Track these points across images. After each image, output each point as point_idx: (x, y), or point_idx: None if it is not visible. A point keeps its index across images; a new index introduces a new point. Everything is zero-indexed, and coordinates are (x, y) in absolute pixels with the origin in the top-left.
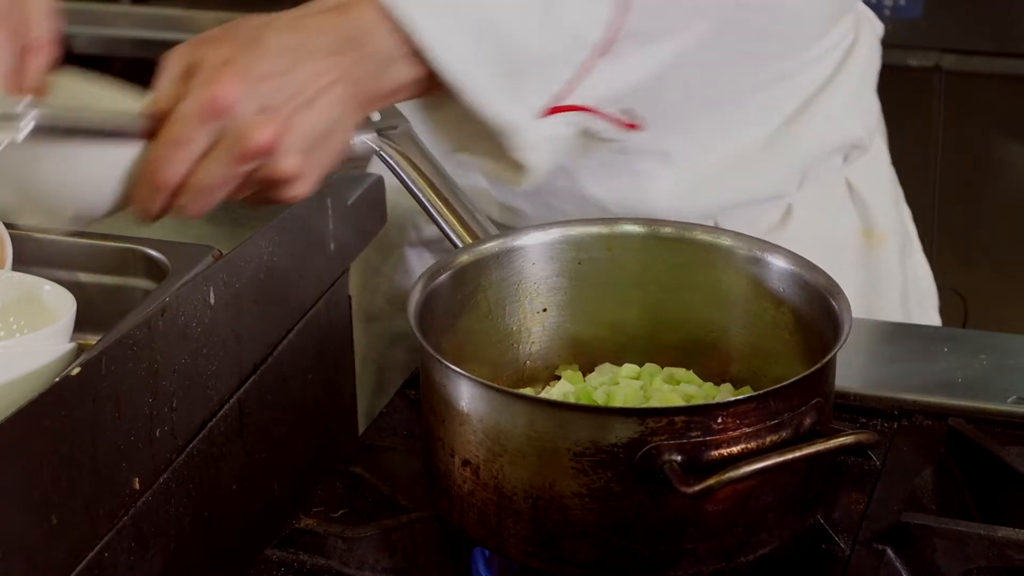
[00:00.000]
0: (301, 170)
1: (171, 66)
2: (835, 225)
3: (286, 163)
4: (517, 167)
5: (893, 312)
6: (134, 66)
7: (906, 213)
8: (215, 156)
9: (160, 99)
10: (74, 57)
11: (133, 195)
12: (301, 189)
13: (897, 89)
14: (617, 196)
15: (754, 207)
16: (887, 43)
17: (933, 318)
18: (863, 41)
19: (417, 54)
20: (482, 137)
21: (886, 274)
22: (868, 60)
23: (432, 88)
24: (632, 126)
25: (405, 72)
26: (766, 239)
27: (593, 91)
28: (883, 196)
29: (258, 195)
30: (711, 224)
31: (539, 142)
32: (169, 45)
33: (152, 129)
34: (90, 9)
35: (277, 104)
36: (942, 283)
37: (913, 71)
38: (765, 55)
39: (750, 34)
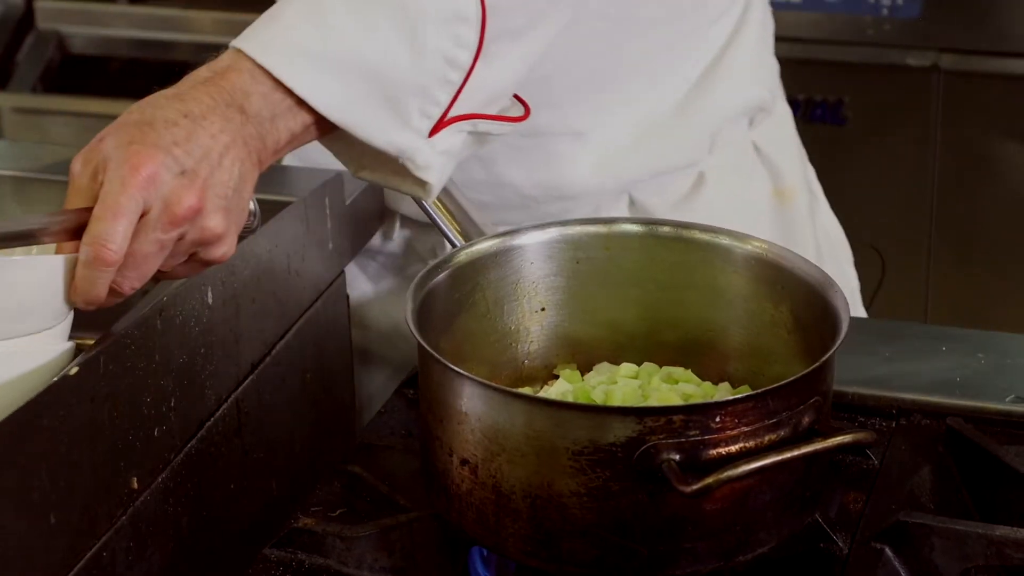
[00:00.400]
0: (226, 228)
1: (76, 174)
2: (747, 187)
3: (213, 222)
4: (418, 182)
5: None
6: (132, 66)
7: (810, 171)
8: (148, 225)
9: (75, 201)
10: (72, 57)
11: (77, 286)
12: (228, 247)
13: (895, 88)
14: (534, 179)
15: (667, 176)
16: (886, 43)
17: (848, 272)
18: (755, 4)
19: (299, 105)
20: (380, 159)
21: (799, 230)
22: (762, 22)
23: (327, 128)
24: (519, 118)
25: (293, 123)
26: (682, 206)
27: (476, 97)
28: (790, 155)
29: (190, 261)
30: (625, 197)
31: (434, 159)
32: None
33: (74, 228)
34: (87, 9)
35: (192, 167)
36: (939, 280)
37: (911, 71)
38: (656, 20)
39: (651, 7)
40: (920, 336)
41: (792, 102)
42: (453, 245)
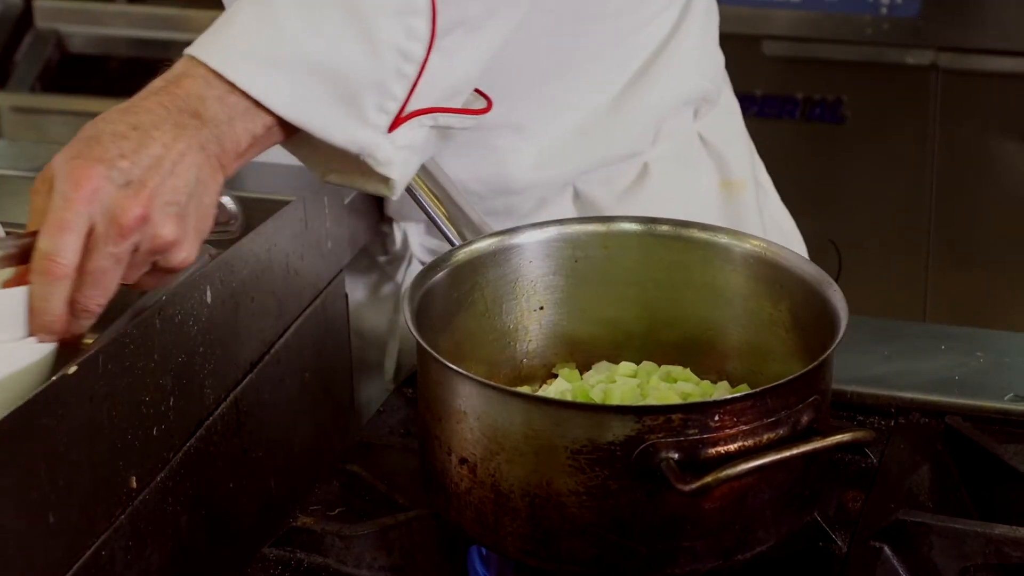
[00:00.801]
0: (180, 235)
1: (33, 194)
2: (692, 178)
3: (164, 230)
4: (383, 179)
5: None
6: (131, 65)
7: (758, 164)
8: (99, 239)
9: (35, 222)
10: (71, 57)
11: (32, 306)
12: (185, 254)
13: (894, 87)
14: (477, 174)
15: (611, 168)
16: (884, 42)
17: None
18: None
19: (257, 107)
20: (344, 160)
21: (747, 222)
22: (706, 13)
23: (286, 131)
24: (482, 111)
25: (252, 125)
26: (626, 197)
27: (434, 90)
28: (737, 147)
29: (153, 271)
30: (570, 189)
31: (395, 154)
32: (165, 44)
33: (30, 249)
34: (86, 8)
35: (139, 177)
36: (940, 280)
37: (910, 69)
38: (598, 15)
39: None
40: (919, 335)
41: (791, 101)
42: (452, 244)
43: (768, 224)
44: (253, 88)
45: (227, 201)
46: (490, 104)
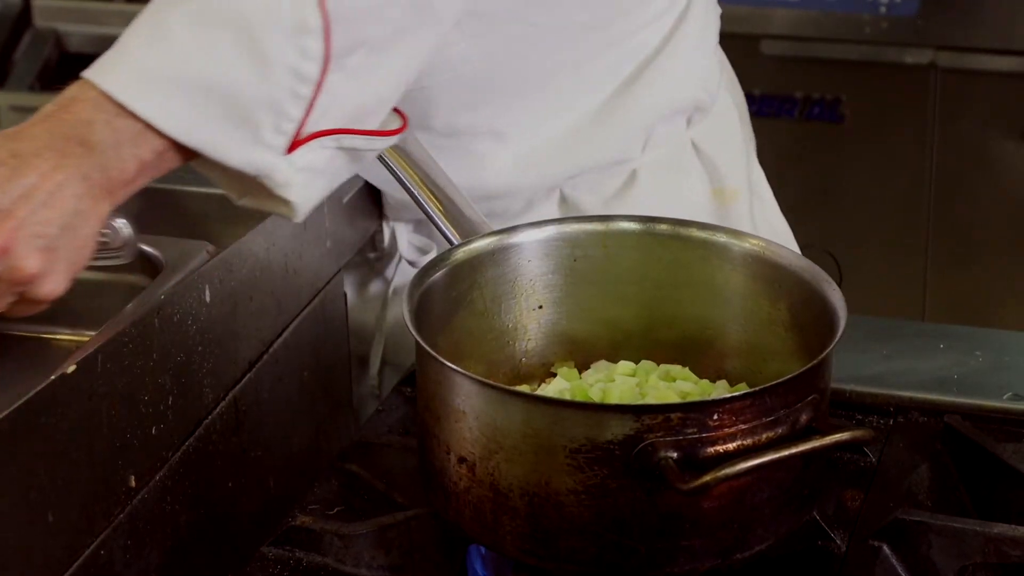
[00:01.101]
0: (44, 267)
1: None
2: (682, 186)
3: (26, 262)
4: (284, 202)
5: None
6: None
7: (756, 171)
8: None
9: None
10: (68, 56)
11: None
12: (52, 286)
13: (893, 86)
14: (455, 178)
15: (597, 173)
16: (882, 41)
17: None
18: (698, 2)
19: (147, 130)
20: (253, 182)
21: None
22: (704, 22)
23: (182, 154)
24: (393, 132)
25: (140, 150)
26: (613, 203)
27: (336, 111)
28: (732, 154)
29: (20, 301)
30: (556, 193)
31: (293, 176)
32: None
33: None
34: (85, 7)
35: (7, 207)
36: (939, 279)
37: (908, 68)
38: (585, 25)
39: (572, 5)
40: (918, 334)
41: (789, 100)
42: (451, 243)
43: (763, 233)
44: (144, 110)
45: (121, 225)
46: (405, 124)
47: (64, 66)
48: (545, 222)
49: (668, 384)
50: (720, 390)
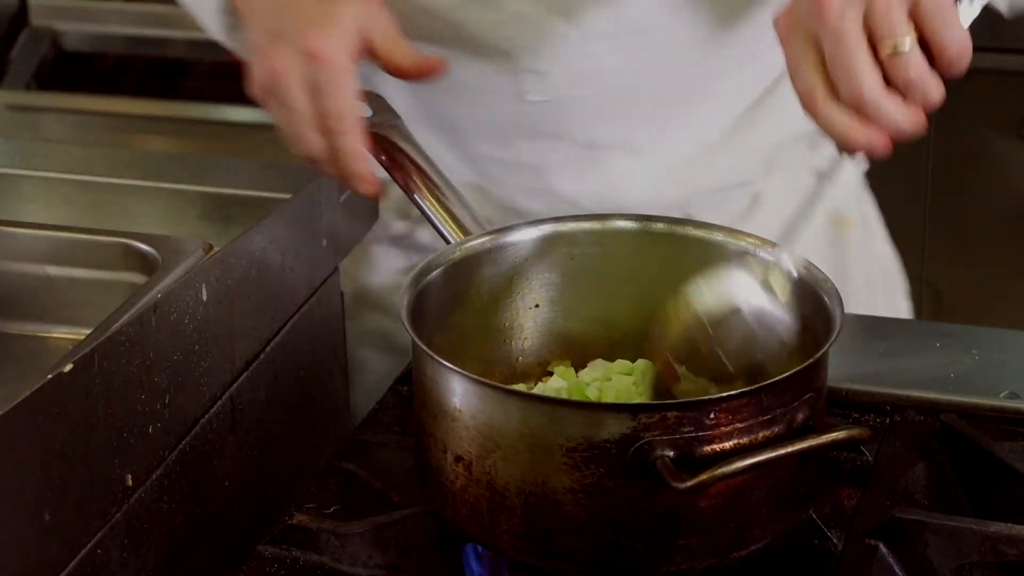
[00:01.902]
0: None
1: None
2: (803, 211)
3: None
4: None
5: (859, 298)
6: (126, 63)
7: (869, 200)
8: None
9: None
10: (65, 55)
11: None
12: None
13: None
14: (587, 191)
15: (722, 195)
16: None
17: (901, 305)
18: None
19: None
20: None
21: (854, 260)
22: None
23: None
24: None
25: None
26: (736, 225)
27: None
28: (849, 182)
29: None
30: (680, 214)
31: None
32: (161, 42)
33: None
34: (81, 6)
35: None
36: (935, 277)
37: None
38: (722, 42)
39: (717, 24)
40: (914, 332)
41: None
42: (447, 241)
43: (874, 264)
44: None
45: None
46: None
47: (61, 65)
48: (541, 221)
49: None
50: (716, 388)
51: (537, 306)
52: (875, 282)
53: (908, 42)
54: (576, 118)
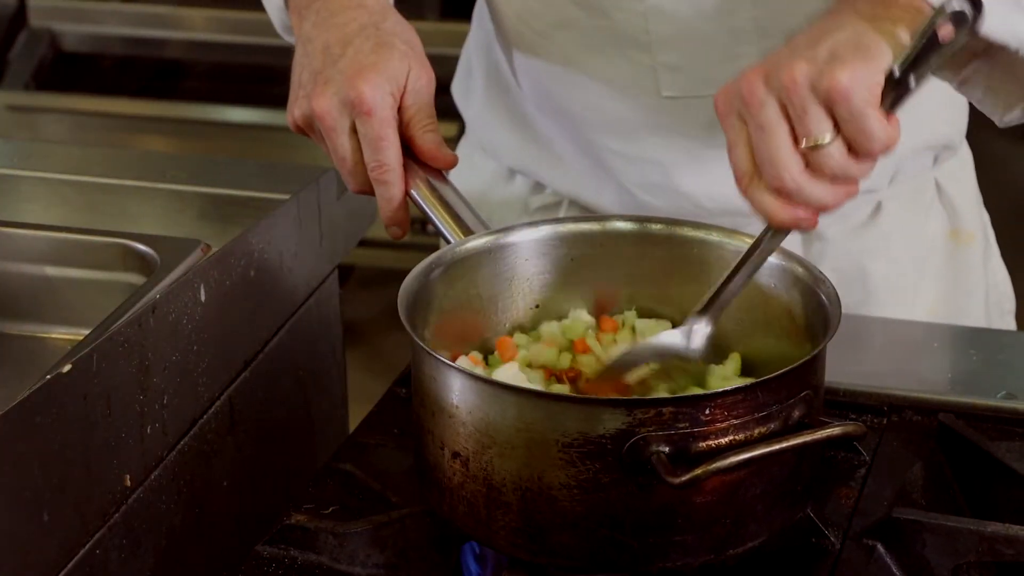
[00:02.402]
0: None
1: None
2: (924, 223)
3: None
4: None
5: (977, 315)
6: (124, 63)
7: (985, 216)
8: None
9: None
10: (64, 55)
11: None
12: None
13: None
14: (711, 192)
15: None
16: None
17: (1010, 323)
18: None
19: None
20: None
21: (972, 275)
22: None
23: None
24: None
25: None
26: (859, 234)
27: None
28: (969, 197)
29: None
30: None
31: None
32: (159, 43)
33: None
34: (80, 7)
35: None
36: None
37: None
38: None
39: None
40: (912, 332)
41: None
42: (448, 242)
43: (990, 281)
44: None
45: None
46: None
47: (59, 65)
48: (541, 222)
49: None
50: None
51: (537, 306)
52: (991, 300)
53: (827, 136)
54: (708, 117)
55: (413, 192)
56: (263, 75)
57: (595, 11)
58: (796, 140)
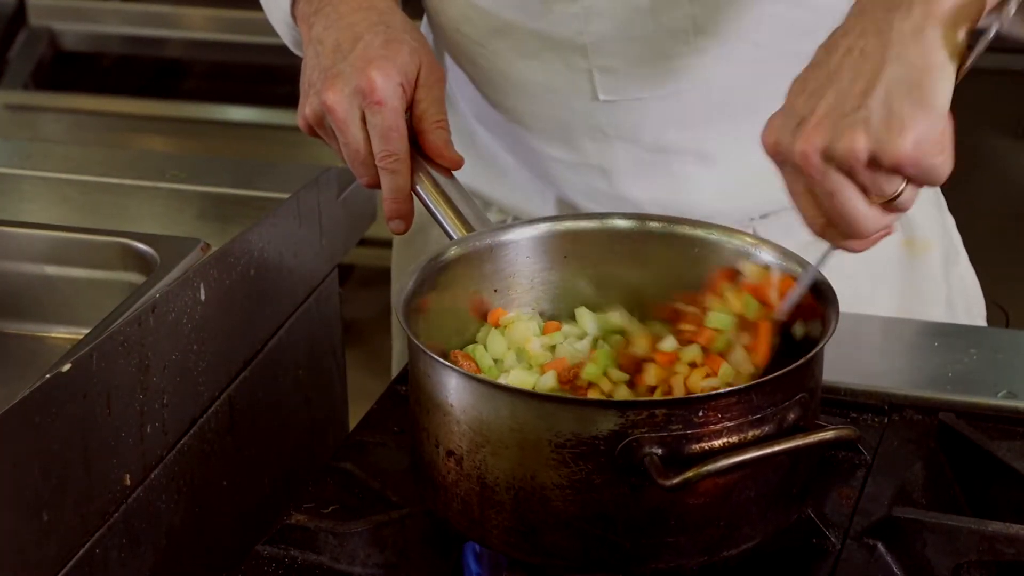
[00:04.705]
0: None
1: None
2: None
3: None
4: None
5: (939, 321)
6: (124, 63)
7: (950, 221)
8: None
9: None
10: (64, 54)
11: None
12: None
13: None
14: (654, 197)
15: (791, 214)
16: None
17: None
18: None
19: None
20: None
21: (929, 283)
22: None
23: None
24: None
25: None
26: (805, 250)
27: None
28: (925, 204)
29: None
30: (749, 231)
31: None
32: (158, 42)
33: None
34: (79, 6)
35: None
36: None
37: None
38: (804, 55)
39: (799, 32)
40: (912, 331)
41: None
42: (450, 237)
43: (954, 288)
44: None
45: None
46: None
47: (59, 65)
48: (540, 219)
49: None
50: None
51: (536, 304)
52: (956, 306)
53: (900, 187)
54: (647, 120)
55: (417, 187)
56: (263, 74)
57: (531, 14)
58: (865, 192)
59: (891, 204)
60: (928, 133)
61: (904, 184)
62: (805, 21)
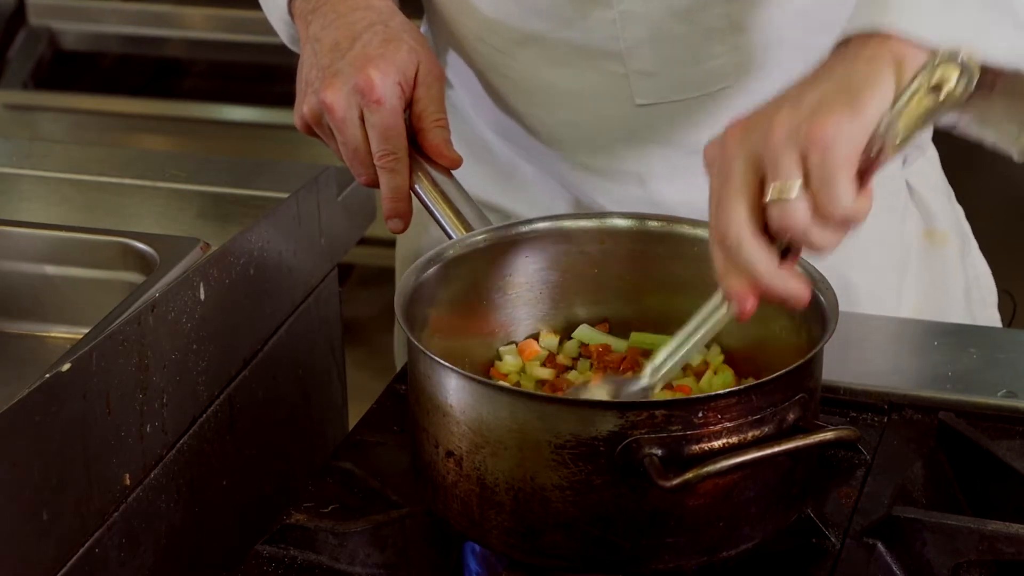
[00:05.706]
0: None
1: None
2: (900, 227)
3: None
4: None
5: (958, 311)
6: (123, 62)
7: (960, 212)
8: None
9: None
10: (64, 54)
11: None
12: None
13: None
14: (688, 199)
15: None
16: None
17: (993, 316)
18: None
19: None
20: None
21: (950, 273)
22: None
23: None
24: None
25: None
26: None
27: None
28: (940, 195)
29: None
30: None
31: None
32: (158, 41)
33: None
34: (79, 5)
35: None
36: None
37: None
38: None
39: (830, 28)
40: (912, 330)
41: None
42: (449, 237)
43: (969, 276)
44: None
45: None
46: None
47: (58, 64)
48: (540, 219)
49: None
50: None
51: (536, 303)
52: (972, 296)
53: (795, 191)
54: (683, 123)
55: (416, 186)
56: (263, 74)
57: (561, 22)
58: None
59: (779, 206)
60: (850, 129)
61: (799, 191)
62: (835, 15)
